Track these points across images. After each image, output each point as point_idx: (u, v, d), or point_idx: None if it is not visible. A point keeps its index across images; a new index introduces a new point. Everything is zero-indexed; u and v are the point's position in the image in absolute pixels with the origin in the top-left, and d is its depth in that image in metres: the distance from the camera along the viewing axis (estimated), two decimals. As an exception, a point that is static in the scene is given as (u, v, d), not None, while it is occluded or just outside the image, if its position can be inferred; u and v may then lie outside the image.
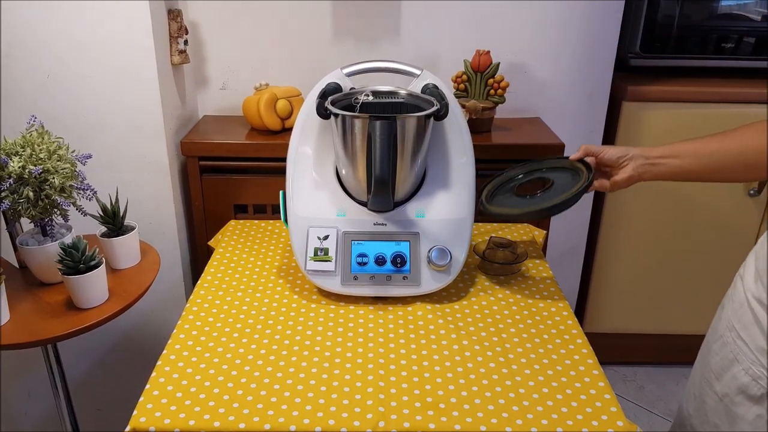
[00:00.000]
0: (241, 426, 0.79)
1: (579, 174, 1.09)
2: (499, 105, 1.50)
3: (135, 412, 0.81)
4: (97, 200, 1.15)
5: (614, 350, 1.99)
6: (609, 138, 1.72)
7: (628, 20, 1.63)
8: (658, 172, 1.03)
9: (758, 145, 0.95)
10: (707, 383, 0.97)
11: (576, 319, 1.04)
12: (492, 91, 1.48)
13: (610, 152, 1.05)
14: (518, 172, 1.19)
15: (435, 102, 1.06)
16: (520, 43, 1.58)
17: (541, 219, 1.09)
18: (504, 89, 1.48)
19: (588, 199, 1.80)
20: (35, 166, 1.03)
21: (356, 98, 1.10)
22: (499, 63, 1.46)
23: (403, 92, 1.13)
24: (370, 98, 1.11)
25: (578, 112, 1.67)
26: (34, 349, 1.21)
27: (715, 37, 1.64)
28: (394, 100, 1.12)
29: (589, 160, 1.08)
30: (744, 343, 0.92)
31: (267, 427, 0.79)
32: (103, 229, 1.20)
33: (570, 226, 1.80)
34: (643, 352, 2.05)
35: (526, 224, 1.37)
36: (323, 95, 1.09)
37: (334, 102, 1.07)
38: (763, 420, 0.87)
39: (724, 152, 0.98)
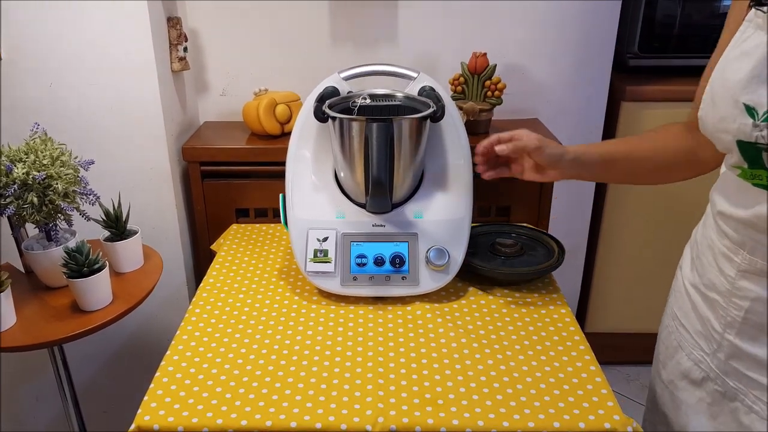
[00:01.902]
0: (243, 423, 0.81)
1: (551, 252, 1.19)
2: (497, 107, 1.51)
3: (139, 411, 0.83)
4: (100, 205, 1.17)
5: (616, 350, 2.00)
6: (607, 137, 1.73)
7: (625, 20, 1.64)
8: (583, 177, 1.02)
9: (680, 146, 0.96)
10: (657, 373, 1.01)
11: (573, 316, 1.06)
12: (489, 93, 1.49)
13: (546, 155, 0.98)
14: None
15: (431, 104, 1.07)
16: (517, 45, 1.59)
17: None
18: (501, 91, 1.49)
19: (588, 199, 1.81)
20: (39, 172, 1.05)
21: (353, 101, 1.12)
22: (495, 65, 1.48)
23: (399, 95, 1.15)
24: (368, 101, 1.12)
25: (577, 113, 1.68)
26: (41, 353, 1.24)
27: (715, 37, 1.65)
28: (391, 102, 1.14)
29: (509, 146, 1.00)
30: (685, 330, 0.95)
31: (268, 424, 0.81)
32: (107, 233, 1.22)
33: (571, 226, 1.81)
34: (646, 352, 2.05)
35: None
36: (321, 99, 1.10)
37: (332, 106, 1.09)
38: (705, 403, 0.89)
39: (651, 155, 0.98)
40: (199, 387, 0.88)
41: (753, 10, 0.80)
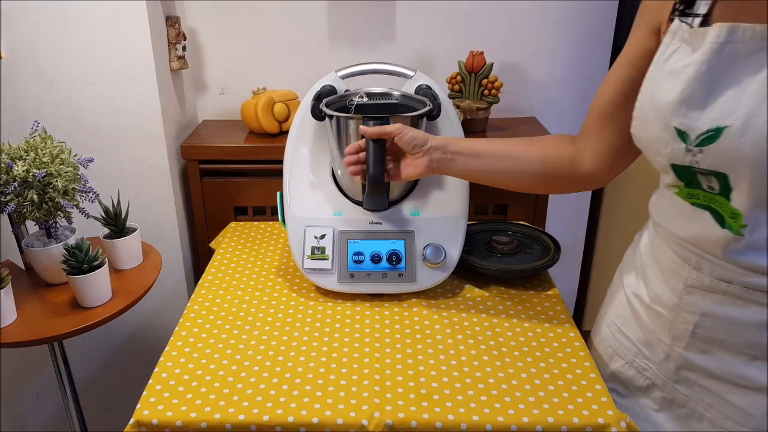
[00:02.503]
0: (241, 418, 0.82)
1: (547, 250, 1.20)
2: (494, 105, 1.52)
3: (138, 406, 0.84)
4: (100, 203, 1.18)
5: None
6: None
7: (622, 19, 1.65)
8: (454, 169, 0.99)
9: (558, 155, 0.95)
10: None
11: (568, 313, 1.06)
12: (486, 92, 1.50)
13: (407, 137, 0.97)
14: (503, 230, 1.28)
15: (428, 102, 1.08)
16: (514, 44, 1.60)
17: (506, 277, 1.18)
18: (498, 89, 1.50)
19: (586, 197, 1.82)
20: (39, 169, 1.06)
21: (350, 100, 1.13)
22: (492, 63, 1.49)
23: (396, 93, 1.15)
24: (364, 99, 1.13)
25: (573, 111, 1.69)
26: (42, 350, 1.25)
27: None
28: (387, 101, 1.15)
29: (373, 132, 0.98)
30: (625, 337, 0.94)
31: (266, 418, 0.82)
32: (106, 230, 1.22)
33: (568, 224, 1.82)
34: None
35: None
36: (318, 97, 1.11)
37: (329, 104, 1.09)
38: (650, 409, 0.89)
39: (525, 158, 0.96)
40: (197, 382, 0.89)
41: (677, 20, 0.78)
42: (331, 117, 1.06)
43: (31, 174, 1.05)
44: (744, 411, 0.79)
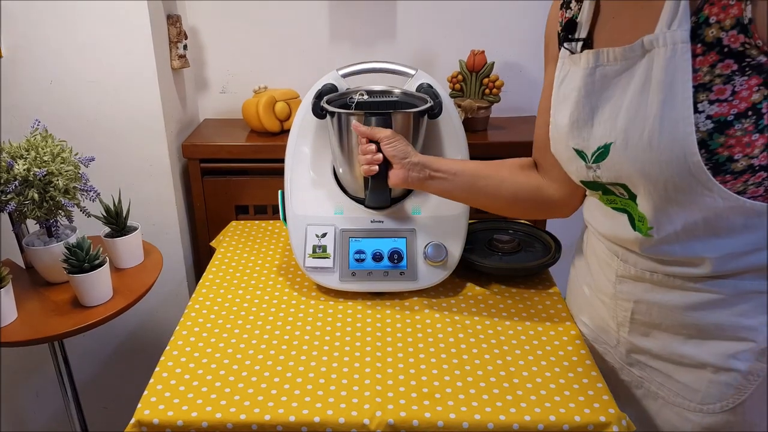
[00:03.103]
0: (242, 417, 0.81)
1: (548, 248, 1.20)
2: (495, 104, 1.52)
3: (139, 405, 0.84)
4: (101, 201, 1.18)
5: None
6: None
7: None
8: (431, 188, 1.01)
9: (526, 179, 0.98)
10: None
11: (569, 312, 1.06)
12: (487, 91, 1.50)
13: (390, 147, 0.98)
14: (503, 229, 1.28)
15: (429, 99, 1.08)
16: (514, 43, 1.60)
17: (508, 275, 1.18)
18: (499, 88, 1.50)
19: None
20: (39, 168, 1.06)
21: (351, 97, 1.13)
22: (493, 62, 1.49)
23: (397, 91, 1.15)
24: (365, 97, 1.13)
25: (574, 110, 1.69)
26: (42, 349, 1.24)
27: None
28: (388, 99, 1.15)
29: (364, 132, 1.00)
30: (584, 324, 1.01)
31: (267, 418, 0.81)
32: (107, 229, 1.22)
33: (568, 223, 1.81)
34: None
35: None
36: (319, 95, 1.11)
37: (330, 102, 1.09)
38: (613, 392, 0.92)
39: (498, 179, 0.99)
40: (198, 382, 0.88)
41: (562, 48, 0.84)
42: (332, 114, 1.06)
43: (31, 173, 1.05)
44: (689, 387, 0.84)
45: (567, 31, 0.83)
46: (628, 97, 0.74)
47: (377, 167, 0.99)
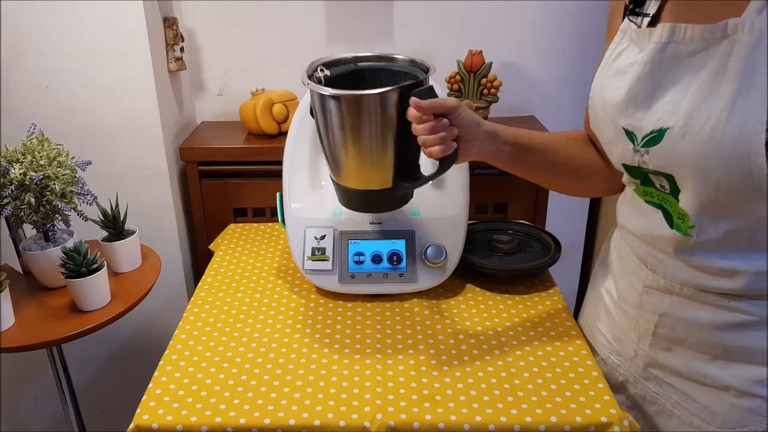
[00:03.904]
0: (242, 421, 0.81)
1: (547, 248, 1.19)
2: (493, 104, 1.51)
3: (138, 410, 0.83)
4: (98, 205, 1.17)
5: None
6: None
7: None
8: (501, 161, 0.90)
9: (581, 154, 0.93)
10: None
11: (570, 312, 1.06)
12: (485, 91, 1.50)
13: (463, 117, 0.84)
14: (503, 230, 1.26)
15: (423, 67, 0.95)
16: (512, 43, 1.59)
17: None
18: (497, 88, 1.49)
19: (585, 195, 1.81)
20: (36, 172, 1.05)
21: (316, 76, 0.94)
22: (491, 62, 1.48)
23: (366, 55, 1.00)
24: (326, 73, 0.95)
25: (573, 110, 1.69)
26: (41, 355, 1.24)
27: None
28: (364, 66, 1.00)
29: (430, 106, 0.82)
30: (601, 334, 0.96)
31: (267, 421, 0.81)
32: (104, 233, 1.22)
33: (568, 222, 1.81)
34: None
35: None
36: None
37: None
38: (624, 407, 0.90)
39: (567, 156, 0.93)
40: (197, 386, 0.88)
41: (627, 19, 0.78)
42: (336, 99, 0.87)
43: (28, 177, 1.05)
44: (709, 409, 0.80)
45: (635, 4, 0.77)
46: (697, 81, 0.67)
47: (455, 143, 0.84)
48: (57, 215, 1.11)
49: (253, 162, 1.45)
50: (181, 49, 1.45)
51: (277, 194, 1.16)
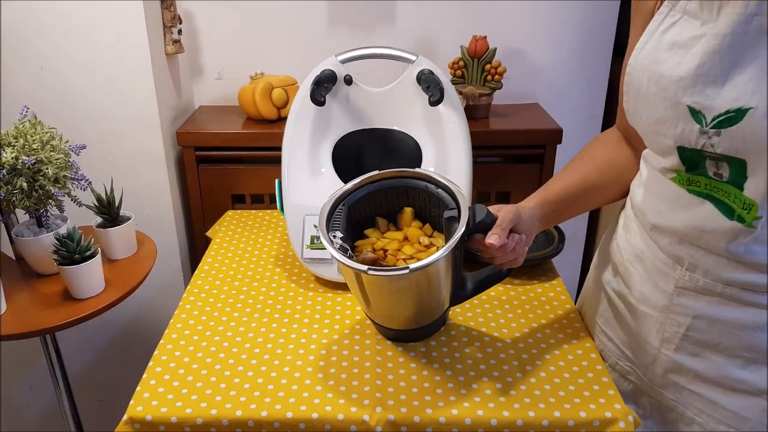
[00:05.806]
0: (238, 413, 0.79)
1: (551, 238, 1.18)
2: (497, 91, 1.49)
3: (132, 402, 0.81)
4: (92, 190, 1.15)
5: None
6: (608, 122, 1.71)
7: (626, 4, 1.62)
8: (551, 224, 0.95)
9: (625, 163, 0.90)
10: None
11: (573, 303, 1.04)
12: (489, 77, 1.47)
13: (525, 223, 0.87)
14: None
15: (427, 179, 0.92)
16: (517, 29, 1.56)
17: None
18: (501, 75, 1.47)
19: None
20: (28, 156, 1.03)
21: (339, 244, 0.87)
22: (495, 48, 1.45)
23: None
24: (340, 237, 0.88)
25: (577, 98, 1.66)
26: (34, 342, 1.22)
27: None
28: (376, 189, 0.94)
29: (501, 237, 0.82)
30: (608, 338, 0.92)
31: (264, 414, 0.79)
32: (99, 219, 1.20)
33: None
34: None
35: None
36: (318, 82, 1.08)
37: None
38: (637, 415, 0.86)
39: (605, 183, 0.91)
40: (193, 376, 0.86)
41: None
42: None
43: (20, 161, 1.02)
44: (739, 415, 0.76)
45: None
46: None
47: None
48: (50, 200, 1.09)
49: (251, 148, 1.43)
50: (179, 32, 1.42)
51: (276, 181, 1.13)
